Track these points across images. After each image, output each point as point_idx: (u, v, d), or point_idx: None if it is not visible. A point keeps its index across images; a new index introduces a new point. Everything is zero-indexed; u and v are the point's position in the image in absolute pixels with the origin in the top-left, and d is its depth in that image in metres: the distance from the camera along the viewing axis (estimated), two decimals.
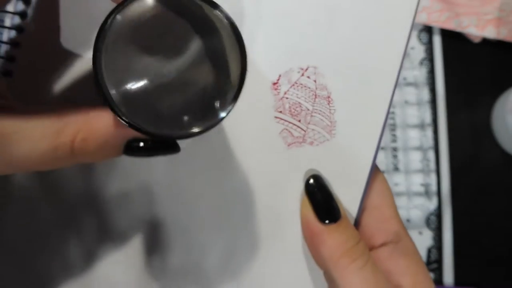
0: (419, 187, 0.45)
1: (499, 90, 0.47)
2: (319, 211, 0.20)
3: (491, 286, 0.45)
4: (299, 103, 0.20)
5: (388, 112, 0.20)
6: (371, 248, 0.21)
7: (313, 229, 0.19)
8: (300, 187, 0.20)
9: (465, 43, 0.48)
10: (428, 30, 0.48)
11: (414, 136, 0.46)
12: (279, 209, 0.21)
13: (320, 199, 0.20)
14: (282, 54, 0.20)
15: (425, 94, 0.45)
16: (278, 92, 0.20)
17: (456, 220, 0.45)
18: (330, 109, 0.20)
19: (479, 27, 0.47)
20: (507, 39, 0.47)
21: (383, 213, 0.21)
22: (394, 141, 0.46)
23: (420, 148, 0.46)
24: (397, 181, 0.45)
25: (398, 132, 0.46)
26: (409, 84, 0.47)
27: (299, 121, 0.20)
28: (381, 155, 0.46)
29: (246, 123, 0.20)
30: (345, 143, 0.20)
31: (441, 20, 0.47)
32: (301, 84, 0.20)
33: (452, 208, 0.46)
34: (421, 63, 0.48)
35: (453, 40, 0.48)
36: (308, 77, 0.20)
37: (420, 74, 0.46)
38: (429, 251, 0.45)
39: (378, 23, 0.20)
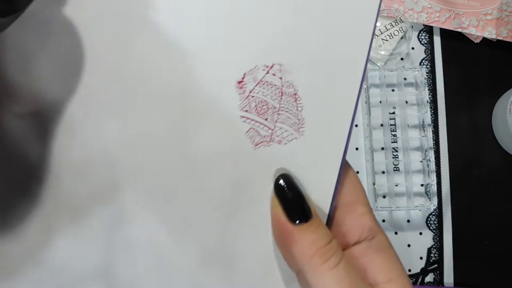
0: (419, 187, 0.45)
1: (499, 90, 0.47)
2: (290, 211, 0.19)
3: (491, 286, 0.45)
4: (266, 101, 0.20)
5: (356, 107, 0.20)
6: (345, 246, 0.20)
7: (284, 229, 0.19)
8: (269, 187, 0.20)
9: (465, 43, 0.48)
10: (428, 30, 0.48)
11: (414, 137, 0.46)
12: (249, 211, 0.21)
13: (290, 198, 0.19)
14: (247, 52, 0.20)
15: (425, 94, 0.45)
16: (244, 91, 0.20)
17: (456, 220, 0.45)
18: (297, 107, 0.20)
19: (479, 27, 0.47)
20: (507, 39, 0.47)
21: (356, 210, 0.21)
22: (394, 141, 0.46)
23: (420, 149, 0.46)
24: (397, 181, 0.45)
25: (398, 133, 0.46)
26: (409, 84, 0.47)
27: (266, 119, 0.20)
28: (381, 156, 0.46)
29: (211, 124, 0.20)
30: (314, 140, 0.20)
31: (441, 20, 0.47)
32: (267, 82, 0.20)
33: (452, 208, 0.46)
34: (421, 63, 0.48)
35: (453, 40, 0.48)
36: (274, 74, 0.20)
37: (420, 74, 0.46)
38: (429, 251, 0.45)
39: (343, 17, 0.20)
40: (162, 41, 0.20)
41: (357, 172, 0.46)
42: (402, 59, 0.48)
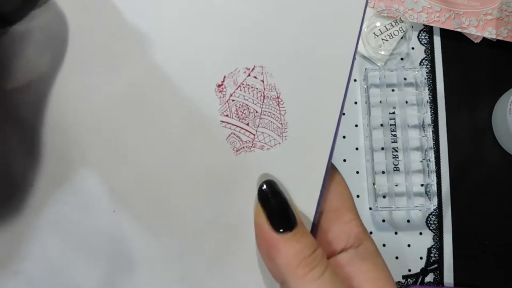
0: (419, 187, 0.45)
1: (499, 90, 0.47)
2: (274, 219, 0.18)
3: (491, 286, 0.45)
4: (247, 105, 0.19)
5: (341, 110, 0.19)
6: (331, 254, 0.20)
7: (267, 238, 0.18)
8: (253, 194, 0.19)
9: (465, 43, 0.48)
10: (428, 30, 0.48)
11: (414, 137, 0.46)
12: (232, 219, 0.20)
13: (274, 206, 0.19)
14: (227, 54, 0.19)
15: (425, 94, 0.45)
16: (224, 95, 0.19)
17: (456, 220, 0.45)
18: (280, 110, 0.19)
19: (479, 27, 0.47)
20: (507, 39, 0.47)
21: (342, 217, 0.20)
22: (394, 141, 0.46)
23: (420, 149, 0.46)
24: (397, 181, 0.45)
25: (398, 133, 0.46)
26: (409, 84, 0.47)
27: (248, 124, 0.19)
28: (381, 156, 0.46)
29: (190, 129, 0.19)
30: (298, 145, 0.19)
31: (441, 20, 0.47)
32: (248, 85, 0.19)
33: (452, 208, 0.46)
34: (421, 63, 0.48)
35: (453, 40, 0.48)
36: (255, 77, 0.19)
37: (420, 74, 0.46)
38: (429, 251, 0.45)
39: (328, 18, 0.19)
40: (138, 43, 0.19)
41: (357, 172, 0.46)
42: (402, 59, 0.48)
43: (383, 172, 0.46)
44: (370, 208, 0.45)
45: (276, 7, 0.19)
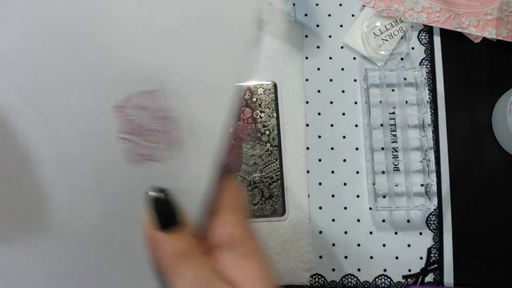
0: (419, 187, 0.45)
1: (499, 90, 0.47)
2: (158, 219, 0.20)
3: (491, 286, 0.45)
4: (142, 124, 0.21)
5: (228, 128, 0.22)
6: (214, 252, 0.21)
7: (152, 236, 0.20)
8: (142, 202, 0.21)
9: (465, 43, 0.48)
10: (428, 30, 0.48)
11: (414, 137, 0.46)
12: (124, 234, 0.22)
13: (159, 207, 0.21)
14: (124, 77, 0.21)
15: (425, 94, 0.45)
16: (122, 115, 0.21)
17: (456, 220, 0.46)
18: (174, 128, 0.21)
19: (479, 27, 0.47)
20: (507, 39, 0.47)
21: (226, 219, 0.22)
22: (394, 141, 0.46)
23: (420, 149, 0.46)
24: (397, 181, 0.45)
25: (398, 133, 0.46)
26: (409, 84, 0.47)
27: (143, 140, 0.21)
28: (381, 156, 0.46)
29: (88, 147, 0.21)
30: (188, 157, 0.21)
31: (441, 20, 0.47)
32: (144, 105, 0.21)
33: (452, 208, 0.46)
34: (421, 63, 0.48)
35: (453, 40, 0.48)
36: (151, 98, 0.21)
37: (420, 74, 0.46)
38: (429, 251, 0.45)
39: (213, 41, 0.21)
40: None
41: (357, 172, 0.46)
42: (402, 59, 0.48)
43: (383, 172, 0.46)
44: (370, 208, 0.45)
45: (171, 34, 0.21)
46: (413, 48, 0.48)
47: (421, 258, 0.45)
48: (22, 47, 0.21)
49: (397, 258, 0.45)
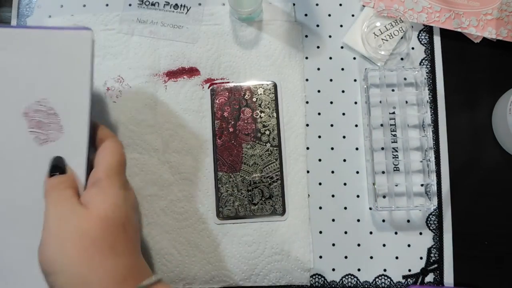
0: (419, 187, 0.45)
1: (499, 90, 0.47)
2: (49, 171, 0.35)
3: (491, 286, 0.45)
4: (41, 120, 0.35)
5: (88, 107, 0.36)
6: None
7: (45, 181, 0.34)
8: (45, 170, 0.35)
9: (465, 43, 0.48)
10: (428, 30, 0.48)
11: (414, 137, 0.46)
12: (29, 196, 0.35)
13: (51, 165, 0.35)
14: (24, 95, 0.35)
15: (425, 94, 0.45)
16: (28, 117, 0.35)
17: (456, 220, 0.46)
18: (57, 120, 0.35)
19: (479, 27, 0.47)
20: (507, 39, 0.47)
21: (96, 171, 0.35)
22: (394, 141, 0.46)
23: (420, 149, 0.46)
24: (397, 181, 0.45)
25: (398, 133, 0.46)
26: (409, 84, 0.47)
27: (42, 129, 0.35)
28: (381, 156, 0.46)
29: (12, 139, 0.35)
30: (71, 136, 0.35)
31: (441, 20, 0.47)
32: (39, 109, 0.35)
33: (452, 208, 0.46)
34: (421, 63, 0.48)
35: (453, 40, 0.48)
36: (41, 104, 0.35)
37: (420, 74, 0.46)
38: (429, 251, 0.45)
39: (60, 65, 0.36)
40: None
41: (357, 172, 0.46)
42: (402, 59, 0.48)
43: (383, 172, 0.46)
44: (370, 208, 0.45)
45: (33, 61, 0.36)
46: (413, 48, 0.48)
47: (421, 258, 0.45)
48: None
49: (397, 258, 0.45)
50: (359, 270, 0.45)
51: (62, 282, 0.30)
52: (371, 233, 0.45)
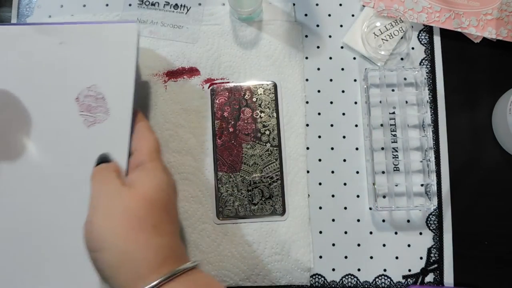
0: (419, 187, 0.45)
1: (499, 90, 0.47)
2: (96, 162, 0.37)
3: (491, 286, 0.45)
4: (90, 104, 0.39)
5: (132, 105, 0.39)
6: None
7: (94, 169, 0.37)
8: (98, 152, 0.38)
9: (465, 43, 0.48)
10: (428, 30, 0.48)
11: (414, 137, 0.46)
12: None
13: (98, 159, 0.37)
14: (73, 82, 0.39)
15: (425, 94, 0.45)
16: (79, 102, 0.39)
17: (456, 220, 0.46)
18: (105, 104, 0.39)
19: (479, 27, 0.47)
20: (507, 39, 0.47)
21: (138, 154, 0.37)
22: (394, 141, 0.46)
23: (420, 149, 0.46)
24: (397, 181, 0.45)
25: (398, 133, 0.46)
26: (409, 84, 0.47)
27: (91, 112, 0.39)
28: (381, 156, 0.46)
29: (65, 121, 0.39)
30: (117, 118, 0.38)
31: (441, 20, 0.47)
32: (89, 94, 0.39)
33: (452, 208, 0.46)
34: (421, 63, 0.48)
35: (453, 40, 0.48)
36: (91, 90, 0.39)
37: (420, 74, 0.46)
38: (429, 251, 0.45)
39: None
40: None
41: (357, 172, 0.46)
42: (402, 59, 0.48)
43: (383, 172, 0.46)
44: (370, 208, 0.45)
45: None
46: (413, 48, 0.48)
47: (421, 258, 0.45)
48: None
49: (397, 258, 0.45)
50: (359, 270, 0.45)
51: (108, 259, 0.31)
52: (371, 233, 0.45)
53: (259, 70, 0.47)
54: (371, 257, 0.45)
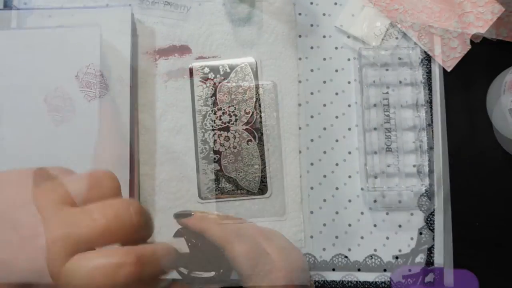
0: (412, 168, 0.45)
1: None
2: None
3: (482, 267, 0.45)
4: (90, 81, 0.42)
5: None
6: None
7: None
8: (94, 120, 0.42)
9: None
10: (428, 30, 0.47)
11: (408, 117, 0.46)
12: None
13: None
14: (76, 61, 0.43)
15: (420, 74, 0.45)
16: (79, 80, 0.42)
17: (448, 201, 0.45)
18: (104, 80, 0.42)
19: (479, 27, 0.47)
20: (507, 39, 0.47)
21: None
22: (387, 121, 0.46)
23: (413, 129, 0.46)
24: (390, 162, 0.45)
25: (392, 113, 0.46)
26: (403, 64, 0.47)
27: (91, 88, 0.42)
28: (373, 136, 0.46)
29: (71, 91, 0.42)
30: (117, 93, 0.43)
31: (441, 20, 0.47)
32: (88, 72, 0.42)
33: (444, 189, 0.46)
34: (421, 63, 0.47)
35: None
36: (90, 68, 0.42)
37: (415, 53, 0.46)
38: (420, 232, 0.45)
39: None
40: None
41: (349, 153, 0.46)
42: (401, 58, 0.47)
43: (375, 153, 0.45)
44: (362, 189, 0.45)
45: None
46: (413, 48, 0.47)
47: (411, 238, 0.45)
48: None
49: (388, 238, 0.45)
50: (349, 250, 0.45)
51: None
52: (362, 213, 0.45)
53: (251, 49, 0.46)
54: (362, 237, 0.45)
